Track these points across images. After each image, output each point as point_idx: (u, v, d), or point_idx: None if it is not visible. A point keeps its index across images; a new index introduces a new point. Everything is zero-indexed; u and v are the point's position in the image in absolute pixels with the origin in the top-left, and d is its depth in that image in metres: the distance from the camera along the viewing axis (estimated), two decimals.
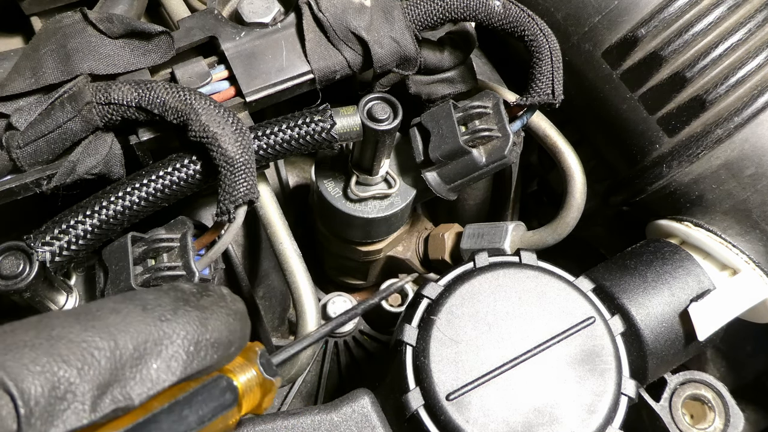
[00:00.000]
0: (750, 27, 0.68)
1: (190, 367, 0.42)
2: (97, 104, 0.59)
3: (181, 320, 0.42)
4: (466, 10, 0.66)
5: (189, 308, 0.44)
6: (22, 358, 0.36)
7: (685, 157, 0.69)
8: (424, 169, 0.69)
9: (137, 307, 0.42)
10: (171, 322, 0.42)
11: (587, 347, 0.59)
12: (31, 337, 0.38)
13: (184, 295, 0.45)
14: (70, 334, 0.38)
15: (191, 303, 0.44)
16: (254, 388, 0.48)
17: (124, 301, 0.42)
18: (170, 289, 0.45)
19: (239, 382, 0.47)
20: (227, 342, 0.45)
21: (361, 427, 0.60)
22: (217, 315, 0.45)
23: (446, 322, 0.60)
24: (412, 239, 0.87)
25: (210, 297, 0.46)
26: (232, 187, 0.57)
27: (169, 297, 0.44)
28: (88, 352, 0.38)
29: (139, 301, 0.43)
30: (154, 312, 0.42)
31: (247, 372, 0.48)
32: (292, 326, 0.91)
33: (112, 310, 0.41)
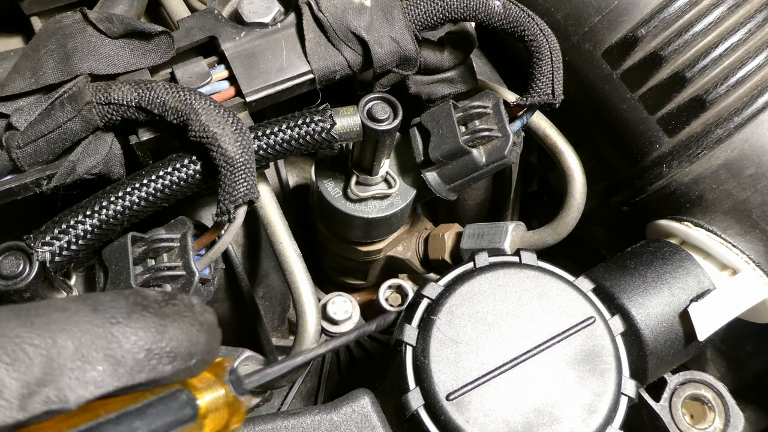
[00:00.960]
0: (750, 27, 0.68)
1: (138, 375, 0.40)
2: (97, 104, 0.59)
3: (135, 324, 0.40)
4: (466, 10, 0.66)
5: (146, 314, 0.41)
6: None
7: (685, 157, 0.69)
8: (424, 169, 0.69)
9: (87, 307, 0.40)
10: (122, 325, 0.40)
11: (587, 347, 0.59)
12: None
13: (145, 300, 0.42)
14: (5, 329, 0.37)
15: (151, 309, 0.42)
16: (221, 408, 0.46)
17: (76, 300, 0.41)
18: (131, 294, 0.43)
19: (204, 400, 0.44)
20: (187, 354, 0.42)
21: (361, 427, 0.60)
22: (178, 324, 0.42)
23: (446, 322, 0.60)
24: (412, 239, 0.86)
25: (174, 306, 0.43)
26: (232, 187, 0.57)
27: (126, 301, 0.42)
28: (21, 348, 0.36)
29: (91, 302, 0.41)
30: (105, 314, 0.40)
31: (214, 389, 0.46)
32: (292, 326, 0.91)
33: (60, 308, 0.39)
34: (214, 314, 0.46)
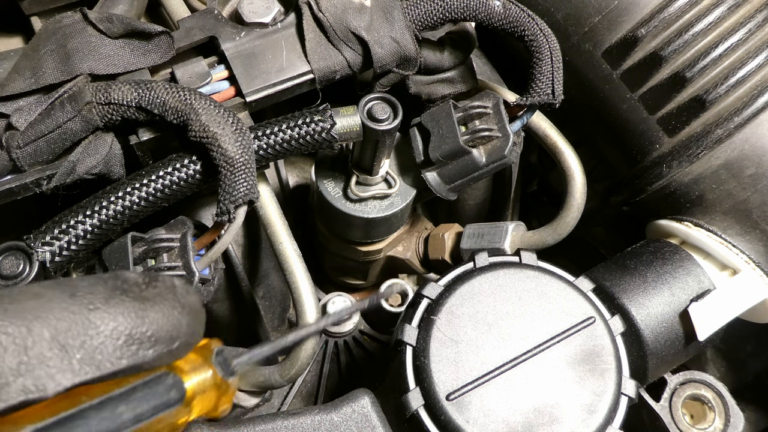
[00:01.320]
0: (750, 27, 0.68)
1: (118, 362, 0.39)
2: (97, 104, 0.59)
3: (113, 310, 0.39)
4: (466, 10, 0.66)
5: (126, 298, 0.40)
6: None
7: (685, 157, 0.69)
8: (424, 169, 0.69)
9: (64, 293, 0.39)
10: (100, 311, 0.39)
11: (587, 347, 0.59)
12: None
13: (124, 284, 0.41)
14: None
15: (131, 293, 0.41)
16: (208, 389, 0.45)
17: (52, 287, 0.39)
18: (110, 278, 0.42)
19: (191, 382, 0.43)
20: (168, 337, 0.41)
21: (361, 427, 0.60)
22: (159, 307, 0.41)
23: (446, 322, 0.60)
24: (412, 239, 0.86)
25: (155, 288, 0.42)
26: (232, 187, 0.57)
27: (105, 285, 0.41)
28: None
29: (68, 288, 0.39)
30: (83, 300, 0.39)
31: (201, 371, 0.45)
32: (292, 326, 0.91)
33: (35, 294, 0.38)
34: (197, 295, 0.45)
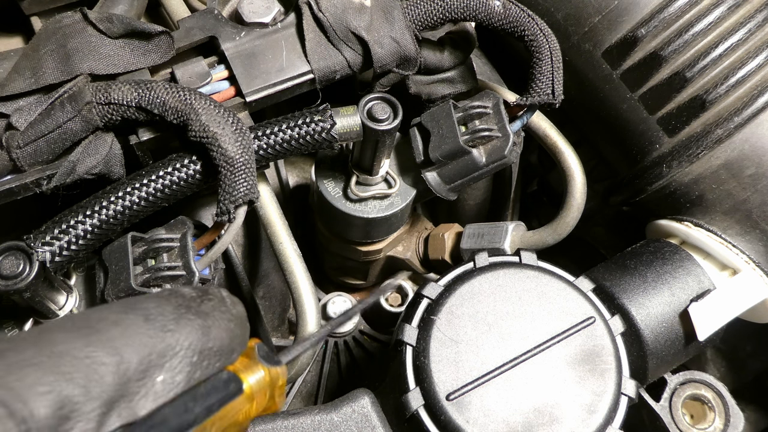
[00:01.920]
0: (750, 27, 0.68)
1: (192, 378, 0.41)
2: (97, 104, 0.59)
3: (184, 330, 0.41)
4: (466, 10, 0.66)
5: (191, 316, 0.42)
6: (26, 377, 0.35)
7: (685, 157, 0.69)
8: (424, 169, 0.69)
9: (139, 317, 0.41)
10: (174, 332, 0.41)
11: (587, 347, 0.59)
12: (33, 354, 0.36)
13: (185, 301, 0.43)
14: (74, 350, 0.37)
15: (192, 310, 0.43)
16: (264, 386, 0.47)
17: (125, 311, 0.41)
18: (170, 295, 0.44)
19: (247, 383, 0.46)
20: (229, 349, 0.44)
21: (361, 427, 0.60)
22: (218, 323, 0.44)
23: (446, 322, 0.60)
24: (412, 239, 0.86)
25: (211, 301, 0.45)
26: (232, 187, 0.57)
27: (170, 305, 0.42)
28: (93, 368, 0.37)
29: (140, 311, 0.41)
30: (156, 322, 0.41)
31: (254, 371, 0.47)
32: (292, 326, 0.91)
33: (114, 322, 0.40)
34: (242, 305, 0.47)
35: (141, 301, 0.43)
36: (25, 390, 0.34)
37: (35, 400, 0.34)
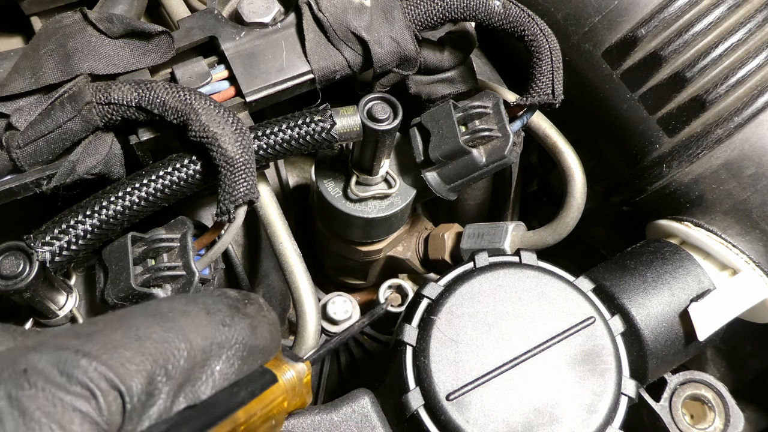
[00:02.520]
0: (750, 27, 0.68)
1: (241, 370, 0.45)
2: (97, 104, 0.59)
3: (238, 326, 0.45)
4: (466, 10, 0.66)
5: (242, 315, 0.46)
6: (120, 357, 0.37)
7: (685, 157, 0.69)
8: (424, 169, 0.69)
9: (202, 310, 0.44)
10: (231, 327, 0.44)
11: (587, 347, 0.59)
12: (121, 337, 0.39)
13: (234, 301, 0.47)
14: (154, 335, 0.40)
15: (241, 310, 0.47)
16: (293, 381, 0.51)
17: (189, 303, 0.45)
18: (222, 295, 0.47)
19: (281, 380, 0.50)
20: (269, 350, 0.48)
21: (361, 427, 0.60)
22: (262, 324, 0.47)
23: (446, 322, 0.60)
24: (412, 239, 0.86)
25: (253, 305, 0.48)
26: (232, 187, 0.57)
27: (224, 303, 0.46)
28: (171, 351, 0.40)
29: (202, 305, 0.45)
30: (216, 316, 0.44)
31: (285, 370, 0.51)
32: (292, 326, 0.91)
33: (183, 312, 0.43)
34: (274, 311, 0.52)
35: (200, 297, 0.47)
36: (121, 368, 0.37)
37: (131, 377, 0.37)
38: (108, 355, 0.37)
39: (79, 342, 0.37)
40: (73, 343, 0.37)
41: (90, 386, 0.35)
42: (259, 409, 0.46)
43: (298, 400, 0.53)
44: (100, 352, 0.37)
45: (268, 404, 0.48)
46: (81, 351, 0.37)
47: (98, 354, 0.37)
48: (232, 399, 0.44)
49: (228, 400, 0.43)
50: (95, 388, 0.35)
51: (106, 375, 0.36)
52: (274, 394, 0.48)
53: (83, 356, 0.36)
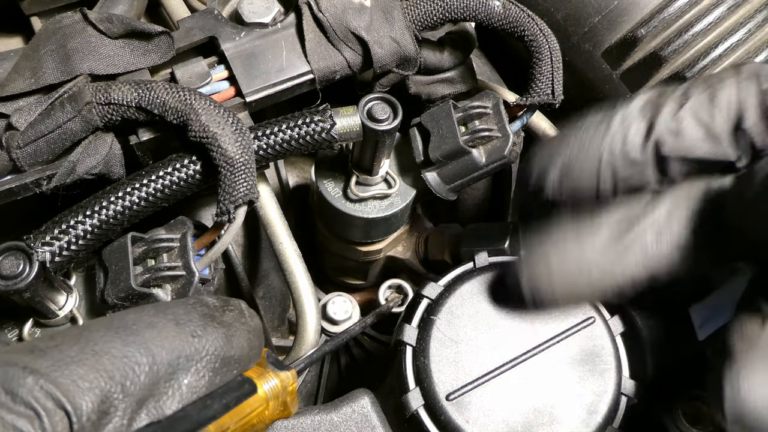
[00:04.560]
0: (750, 27, 0.68)
1: (213, 383, 0.43)
2: (97, 104, 0.59)
3: (210, 337, 0.44)
4: (466, 10, 0.66)
5: (216, 325, 0.45)
6: (72, 374, 0.36)
7: None
8: (424, 169, 0.69)
9: (170, 321, 0.43)
10: (201, 338, 0.43)
11: (587, 347, 0.59)
12: (76, 353, 0.38)
13: (209, 310, 0.46)
14: (113, 349, 0.39)
15: (217, 319, 0.45)
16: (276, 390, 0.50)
17: (157, 314, 0.43)
18: (197, 304, 0.46)
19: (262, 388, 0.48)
20: (247, 358, 0.47)
21: (361, 427, 0.60)
22: (240, 333, 0.46)
23: (446, 322, 0.60)
24: (412, 239, 0.86)
25: (232, 312, 0.47)
26: (232, 187, 0.57)
27: (197, 312, 0.45)
28: (130, 367, 0.39)
29: (171, 315, 0.43)
30: (186, 327, 0.43)
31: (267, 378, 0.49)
32: (292, 326, 0.91)
33: (148, 324, 0.42)
34: (258, 317, 0.50)
35: (171, 306, 0.45)
36: (72, 385, 0.36)
37: (81, 395, 0.36)
38: (58, 373, 0.36)
39: (30, 358, 0.36)
40: (23, 360, 0.36)
41: (34, 406, 0.34)
42: (233, 422, 0.45)
43: (282, 410, 0.51)
44: (50, 369, 0.36)
45: (246, 416, 0.46)
46: (29, 368, 0.36)
47: (47, 371, 0.36)
48: (203, 413, 0.42)
49: (198, 414, 0.42)
50: (39, 407, 0.34)
51: (53, 393, 0.35)
52: (251, 406, 0.47)
53: (30, 374, 0.35)
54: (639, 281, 0.52)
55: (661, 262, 0.51)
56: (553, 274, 0.53)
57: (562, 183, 0.56)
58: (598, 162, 0.54)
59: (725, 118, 0.51)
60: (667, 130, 0.52)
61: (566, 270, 0.53)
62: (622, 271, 0.52)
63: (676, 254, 0.51)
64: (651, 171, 0.54)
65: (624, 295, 0.53)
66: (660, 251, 0.51)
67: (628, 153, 0.53)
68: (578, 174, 0.55)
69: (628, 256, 0.51)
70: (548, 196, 0.56)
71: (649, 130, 0.53)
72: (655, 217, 0.52)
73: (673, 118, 0.52)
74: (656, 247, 0.51)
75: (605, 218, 0.54)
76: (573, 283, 0.53)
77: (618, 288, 0.52)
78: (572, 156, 0.55)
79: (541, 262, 0.54)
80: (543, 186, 0.57)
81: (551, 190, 0.56)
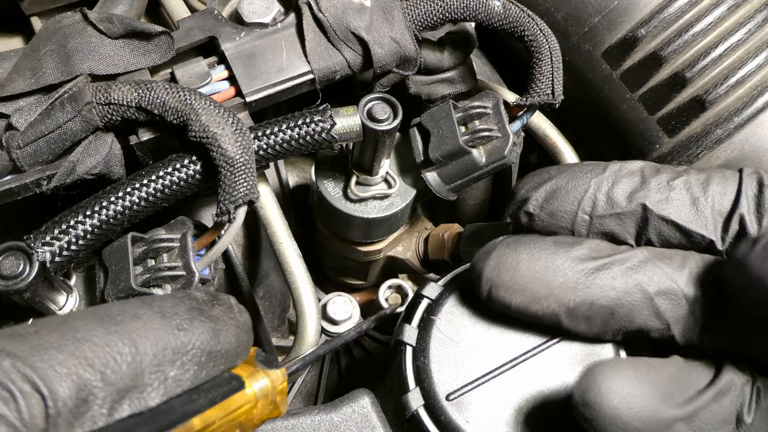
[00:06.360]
0: (750, 27, 0.68)
1: (199, 377, 0.43)
2: (97, 104, 0.59)
3: (197, 331, 0.43)
4: (466, 10, 0.66)
5: (203, 318, 0.44)
6: (50, 359, 0.36)
7: (684, 157, 0.69)
8: (424, 169, 0.69)
9: (156, 314, 0.42)
10: (188, 331, 0.43)
11: (587, 347, 0.59)
12: (56, 338, 0.38)
13: (197, 303, 0.45)
14: (95, 337, 0.39)
15: (205, 313, 0.45)
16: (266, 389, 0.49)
17: (142, 306, 0.43)
18: (185, 297, 0.46)
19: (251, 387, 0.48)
20: (235, 354, 0.46)
21: (361, 427, 0.60)
22: (227, 327, 0.46)
23: (446, 322, 0.60)
24: (412, 239, 0.86)
25: (220, 306, 0.47)
26: (232, 188, 0.57)
27: (184, 305, 0.44)
28: (111, 356, 0.38)
29: (157, 308, 0.43)
30: (173, 320, 0.43)
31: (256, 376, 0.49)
32: (292, 326, 0.91)
33: (133, 315, 0.42)
34: (247, 313, 0.49)
35: (157, 300, 0.45)
36: (49, 370, 0.36)
37: (58, 381, 0.36)
38: (37, 357, 0.36)
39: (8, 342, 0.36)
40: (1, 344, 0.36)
41: (10, 387, 0.34)
42: (219, 417, 0.44)
43: (271, 409, 0.50)
44: (28, 353, 0.36)
45: (231, 412, 0.45)
46: (6, 351, 0.35)
47: (25, 355, 0.36)
48: (188, 406, 0.42)
49: (183, 407, 0.42)
50: (15, 390, 0.34)
51: (29, 377, 0.35)
52: (238, 402, 0.46)
53: (7, 356, 0.35)
54: (597, 307, 0.52)
55: (621, 300, 0.52)
56: (519, 267, 0.53)
57: (545, 202, 0.57)
58: (583, 193, 0.56)
59: (715, 200, 0.53)
60: (658, 189, 0.54)
61: (533, 267, 0.53)
62: (585, 290, 0.52)
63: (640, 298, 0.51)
64: (631, 224, 0.55)
65: (575, 316, 0.53)
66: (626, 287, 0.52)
67: (613, 196, 0.55)
68: (562, 198, 0.57)
69: (597, 278, 0.52)
70: (529, 209, 0.58)
71: (640, 185, 0.54)
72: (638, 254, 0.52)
73: (668, 183, 0.54)
74: (623, 283, 0.51)
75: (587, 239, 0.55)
76: (535, 280, 0.53)
77: (573, 304, 0.52)
78: (561, 182, 0.57)
79: (510, 253, 0.54)
80: (528, 199, 0.58)
81: (533, 206, 0.58)
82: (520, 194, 0.59)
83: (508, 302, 0.55)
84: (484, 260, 0.55)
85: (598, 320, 0.53)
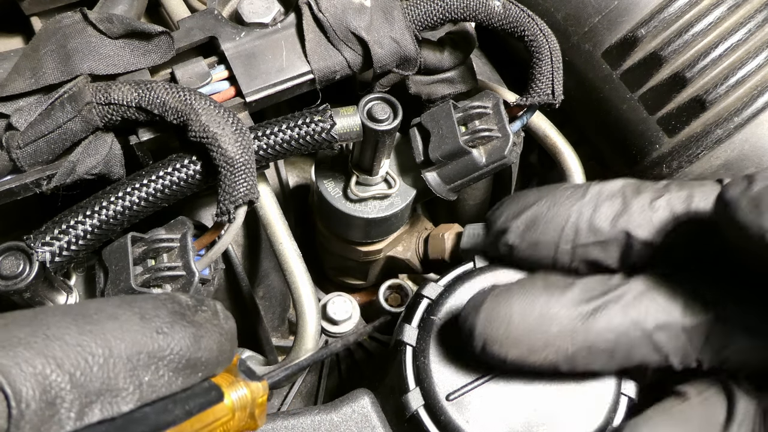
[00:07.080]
0: (750, 27, 0.68)
1: (174, 383, 0.41)
2: (97, 104, 0.59)
3: (177, 335, 0.41)
4: (466, 10, 0.66)
5: (185, 323, 0.43)
6: (17, 356, 0.34)
7: (685, 157, 0.69)
8: (424, 169, 0.69)
9: (135, 315, 0.41)
10: (167, 336, 0.41)
11: None
12: (26, 335, 0.36)
13: (180, 308, 0.44)
14: (66, 336, 0.37)
15: (187, 317, 0.43)
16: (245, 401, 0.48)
17: (122, 306, 0.41)
18: (167, 300, 0.44)
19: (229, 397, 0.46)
20: (216, 362, 0.44)
21: (361, 427, 0.60)
22: (210, 334, 0.44)
23: (446, 323, 0.60)
24: (412, 239, 0.86)
25: (204, 312, 0.45)
26: (232, 188, 0.57)
27: (166, 308, 0.43)
28: (83, 357, 0.37)
29: (137, 309, 0.41)
30: (152, 323, 0.41)
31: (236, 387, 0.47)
32: (292, 326, 0.91)
33: (110, 315, 0.40)
34: (233, 320, 0.48)
35: (138, 300, 0.43)
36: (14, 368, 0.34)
37: (23, 380, 0.34)
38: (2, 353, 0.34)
39: None
40: None
41: None
42: (194, 430, 0.42)
43: (248, 422, 0.48)
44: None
45: (208, 425, 0.44)
46: None
47: None
48: (162, 416, 0.40)
49: (157, 417, 0.40)
50: None
51: None
52: (215, 415, 0.44)
53: None
54: (596, 351, 0.51)
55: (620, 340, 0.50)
56: (512, 320, 0.51)
57: (525, 233, 0.56)
58: (565, 221, 0.54)
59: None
60: (641, 211, 0.52)
61: (527, 319, 0.51)
62: (582, 336, 0.50)
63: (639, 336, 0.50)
64: (615, 250, 0.53)
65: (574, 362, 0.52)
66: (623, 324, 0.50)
67: (595, 223, 0.53)
68: (543, 227, 0.55)
69: (594, 322, 0.50)
70: (509, 241, 0.56)
71: (622, 210, 0.53)
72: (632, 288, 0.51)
73: (650, 205, 0.52)
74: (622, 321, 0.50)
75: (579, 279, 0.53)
76: (530, 332, 0.51)
77: (571, 352, 0.51)
78: (541, 210, 0.55)
79: (502, 305, 0.52)
80: (507, 229, 0.56)
81: (513, 236, 0.56)
82: (499, 224, 0.57)
83: (503, 357, 0.52)
84: (474, 315, 0.53)
85: (598, 362, 0.52)
